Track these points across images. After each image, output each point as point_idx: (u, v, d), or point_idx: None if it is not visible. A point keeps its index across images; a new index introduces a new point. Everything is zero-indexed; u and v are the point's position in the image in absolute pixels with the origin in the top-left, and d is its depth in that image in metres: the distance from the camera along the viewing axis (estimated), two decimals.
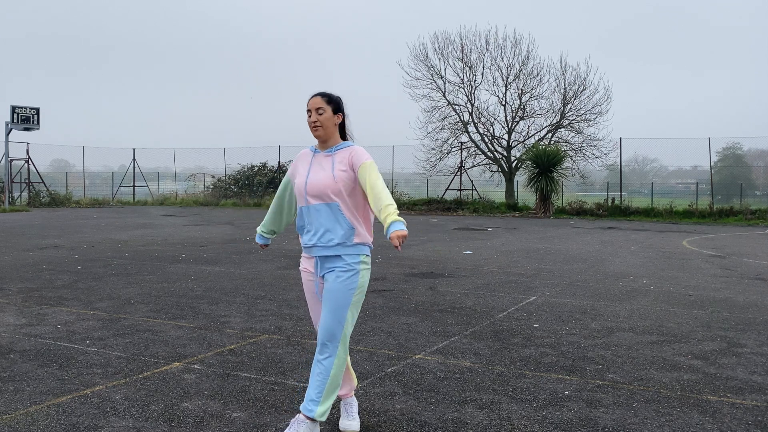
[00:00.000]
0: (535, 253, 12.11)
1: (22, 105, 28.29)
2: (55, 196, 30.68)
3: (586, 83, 30.51)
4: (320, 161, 3.45)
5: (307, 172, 3.45)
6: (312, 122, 3.42)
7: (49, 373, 4.45)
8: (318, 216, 3.38)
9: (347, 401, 3.65)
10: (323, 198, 3.36)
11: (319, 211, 3.38)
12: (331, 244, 3.36)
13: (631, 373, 4.63)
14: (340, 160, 3.40)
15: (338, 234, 3.35)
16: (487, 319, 6.32)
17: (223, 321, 6.11)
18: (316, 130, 3.43)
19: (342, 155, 3.42)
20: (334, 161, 3.41)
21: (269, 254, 11.42)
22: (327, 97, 3.45)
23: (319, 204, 3.38)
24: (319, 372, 3.32)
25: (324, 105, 3.41)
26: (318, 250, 3.39)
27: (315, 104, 3.41)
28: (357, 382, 3.86)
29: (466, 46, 31.63)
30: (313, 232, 3.41)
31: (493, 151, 32.03)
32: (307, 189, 3.40)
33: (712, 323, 6.27)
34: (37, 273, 8.99)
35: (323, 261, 3.40)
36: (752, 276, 9.52)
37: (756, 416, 3.81)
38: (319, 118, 3.40)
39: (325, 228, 3.37)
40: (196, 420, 3.64)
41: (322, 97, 3.44)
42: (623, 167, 28.76)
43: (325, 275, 3.39)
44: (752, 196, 35.54)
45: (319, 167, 3.43)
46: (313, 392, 3.32)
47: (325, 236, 3.37)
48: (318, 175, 3.40)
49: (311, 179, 3.41)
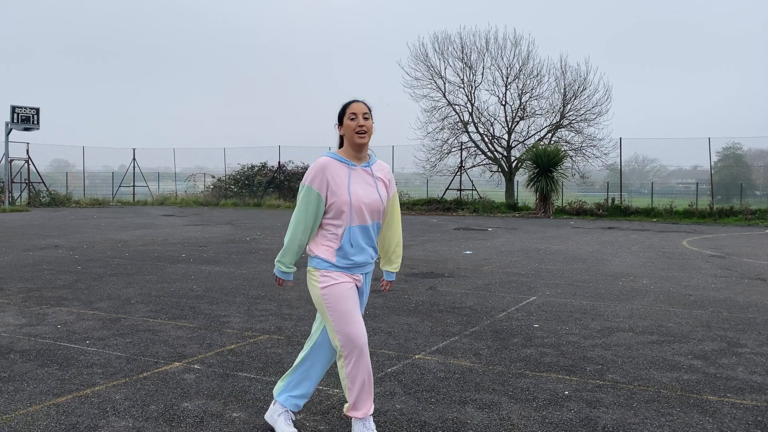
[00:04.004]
0: (535, 253, 12.12)
1: (22, 105, 28.28)
2: (55, 196, 30.66)
3: (586, 83, 30.53)
4: (362, 176, 3.38)
5: (348, 188, 3.31)
6: (359, 127, 3.30)
7: (49, 373, 4.45)
8: (365, 234, 3.37)
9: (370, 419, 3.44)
10: (374, 217, 3.39)
11: (368, 229, 3.38)
12: (373, 259, 3.45)
13: (631, 373, 4.63)
14: (380, 178, 3.43)
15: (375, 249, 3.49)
16: (487, 319, 6.32)
17: (223, 321, 6.11)
18: (361, 137, 3.31)
19: (379, 173, 3.44)
20: (375, 179, 3.41)
21: (269, 254, 11.42)
22: (368, 106, 3.39)
23: (374, 223, 3.40)
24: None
25: (369, 112, 3.36)
26: (369, 267, 3.46)
27: (363, 109, 3.33)
28: None
29: (466, 46, 31.66)
30: (360, 249, 3.37)
31: (493, 151, 32.04)
32: (365, 208, 3.32)
33: (712, 323, 6.27)
34: (37, 273, 8.99)
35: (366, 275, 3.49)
36: (752, 276, 9.52)
37: (756, 416, 3.81)
38: (365, 123, 3.32)
39: (370, 245, 3.41)
40: (196, 420, 3.64)
41: (366, 104, 3.38)
42: (623, 167, 28.77)
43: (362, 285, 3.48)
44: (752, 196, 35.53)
45: (365, 184, 3.37)
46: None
47: (371, 252, 3.43)
48: (369, 193, 3.35)
49: (363, 197, 3.32)
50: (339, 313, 3.28)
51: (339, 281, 3.31)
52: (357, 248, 3.34)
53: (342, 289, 3.30)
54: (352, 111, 3.32)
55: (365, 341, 3.31)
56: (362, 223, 3.33)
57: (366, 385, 3.32)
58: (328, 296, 3.30)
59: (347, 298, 3.30)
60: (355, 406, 3.34)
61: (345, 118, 3.34)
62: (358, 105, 3.34)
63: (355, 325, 3.27)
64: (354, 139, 3.31)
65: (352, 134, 3.31)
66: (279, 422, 3.50)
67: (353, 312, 3.29)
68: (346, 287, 3.31)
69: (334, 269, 3.32)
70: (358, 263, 3.35)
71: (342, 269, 3.33)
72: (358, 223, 3.32)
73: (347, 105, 3.37)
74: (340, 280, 3.31)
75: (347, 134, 3.34)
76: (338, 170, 3.32)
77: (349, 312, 3.28)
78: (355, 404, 3.34)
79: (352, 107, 3.33)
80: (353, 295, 3.33)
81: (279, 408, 3.54)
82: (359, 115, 3.31)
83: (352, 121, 3.31)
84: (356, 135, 3.30)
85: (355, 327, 3.27)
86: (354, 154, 3.37)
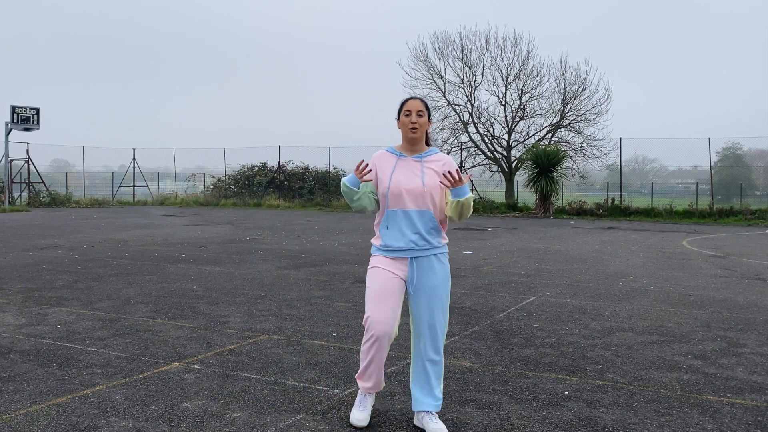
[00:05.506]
0: (535, 253, 12.12)
1: (22, 105, 28.27)
2: (55, 196, 30.64)
3: (585, 83, 30.52)
4: (409, 165, 3.60)
5: (390, 175, 3.58)
6: (412, 123, 3.57)
7: (49, 373, 4.45)
8: (407, 219, 3.56)
9: (372, 396, 3.73)
10: (418, 204, 3.54)
11: (409, 215, 3.55)
12: (424, 245, 3.58)
13: (631, 373, 4.63)
14: (432, 168, 3.59)
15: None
16: (487, 319, 6.32)
17: (223, 321, 6.11)
18: (414, 132, 3.58)
19: (432, 164, 3.61)
20: (423, 167, 3.59)
21: (269, 254, 11.43)
22: (425, 103, 3.65)
23: (419, 210, 3.55)
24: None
25: (424, 109, 3.61)
26: (413, 253, 3.58)
27: (417, 107, 3.59)
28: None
29: (466, 46, 31.64)
30: (397, 234, 3.57)
31: (493, 151, 32.04)
32: (406, 193, 3.54)
33: (712, 323, 6.27)
34: (37, 273, 8.99)
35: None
36: (752, 276, 9.52)
37: (756, 416, 3.81)
38: (419, 120, 3.58)
39: (414, 231, 3.56)
40: (196, 420, 3.64)
41: (422, 102, 3.63)
42: (623, 167, 28.76)
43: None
44: (752, 196, 35.52)
45: (410, 172, 3.58)
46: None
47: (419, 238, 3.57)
48: (411, 180, 3.55)
49: (404, 183, 3.54)
50: (369, 293, 3.57)
51: (378, 266, 3.60)
52: (394, 232, 3.56)
53: (378, 273, 3.58)
54: (408, 108, 3.60)
55: (385, 330, 3.49)
56: (401, 208, 3.55)
57: (373, 368, 3.58)
58: (368, 277, 3.64)
59: (380, 284, 3.54)
60: (360, 376, 3.66)
61: (401, 114, 3.62)
62: (413, 102, 3.62)
63: (378, 311, 3.50)
64: (407, 134, 3.61)
65: (406, 129, 3.61)
66: (426, 423, 3.57)
67: (381, 298, 3.51)
68: (383, 273, 3.56)
69: (378, 253, 3.64)
70: (393, 248, 3.56)
71: (384, 252, 3.61)
72: (396, 208, 3.56)
73: (404, 102, 3.65)
74: (379, 265, 3.60)
75: (402, 129, 3.64)
76: (386, 160, 3.64)
77: (377, 296, 3.52)
78: (360, 375, 3.66)
79: (408, 104, 3.62)
80: (389, 282, 3.54)
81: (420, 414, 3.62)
82: (413, 112, 3.58)
83: (407, 117, 3.59)
84: (409, 130, 3.59)
85: (377, 312, 3.50)
86: (407, 146, 3.66)
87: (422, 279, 3.57)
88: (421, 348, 3.59)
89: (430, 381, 3.58)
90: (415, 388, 3.62)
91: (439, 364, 3.61)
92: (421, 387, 3.60)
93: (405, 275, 3.58)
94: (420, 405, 3.58)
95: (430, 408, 3.56)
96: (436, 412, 3.58)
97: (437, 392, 3.60)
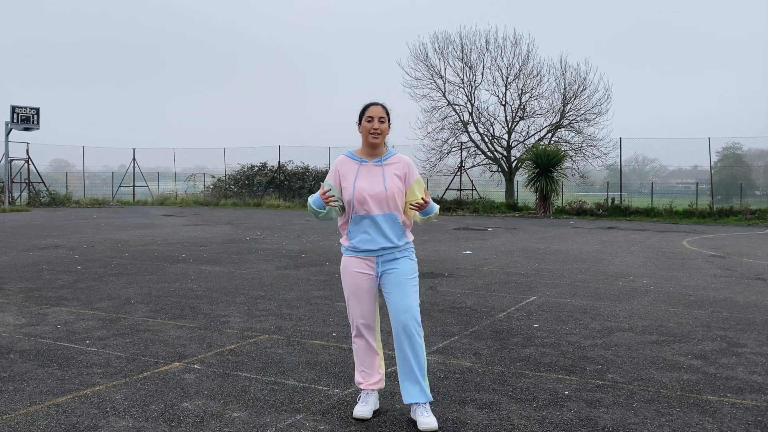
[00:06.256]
0: (535, 253, 12.12)
1: (22, 105, 28.26)
2: (55, 196, 30.64)
3: (585, 83, 30.51)
4: (371, 171, 3.65)
5: (354, 182, 3.62)
6: (374, 129, 3.62)
7: (49, 373, 4.45)
8: (373, 223, 3.64)
9: (375, 393, 3.79)
10: (383, 208, 3.62)
11: (374, 219, 3.63)
12: (389, 245, 3.66)
13: (631, 373, 4.63)
14: (394, 171, 3.66)
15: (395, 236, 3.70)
16: (487, 319, 6.32)
17: (223, 321, 6.11)
18: (375, 138, 3.64)
19: (392, 167, 3.67)
20: (384, 171, 3.65)
21: (269, 254, 11.43)
22: (386, 109, 3.69)
23: (384, 214, 3.63)
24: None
25: (385, 115, 3.68)
26: (381, 252, 3.67)
27: (379, 113, 3.64)
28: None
29: (466, 46, 31.63)
30: (365, 238, 3.65)
31: (493, 151, 32.02)
32: (370, 199, 3.60)
33: (712, 323, 6.27)
34: (37, 273, 8.99)
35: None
36: (752, 276, 9.52)
37: (756, 416, 3.81)
38: (380, 126, 3.64)
39: (381, 234, 3.64)
40: (196, 420, 3.64)
41: (383, 107, 3.69)
42: (623, 167, 28.76)
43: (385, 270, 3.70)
44: (752, 196, 35.53)
45: (372, 177, 3.63)
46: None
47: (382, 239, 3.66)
48: (373, 186, 3.61)
49: (368, 189, 3.61)
50: (346, 293, 3.75)
51: (348, 267, 3.72)
52: (361, 235, 3.65)
53: (349, 274, 3.70)
54: (369, 114, 3.64)
55: (364, 323, 3.69)
56: (367, 213, 3.63)
57: (367, 364, 3.73)
58: (342, 278, 3.77)
59: (353, 283, 3.69)
60: (357, 375, 3.79)
61: (363, 120, 3.66)
62: (375, 108, 3.66)
63: (356, 307, 3.70)
64: (368, 139, 3.66)
65: (366, 135, 3.65)
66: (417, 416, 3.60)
67: (356, 296, 3.69)
68: (354, 273, 3.69)
69: (348, 253, 3.75)
70: (360, 249, 3.66)
71: (353, 252, 3.71)
72: (362, 213, 3.64)
73: (366, 107, 3.68)
74: (349, 266, 3.71)
75: (363, 134, 3.68)
76: (349, 166, 3.69)
77: (353, 294, 3.71)
78: (356, 374, 3.79)
79: (370, 110, 3.66)
80: (361, 281, 3.68)
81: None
82: (375, 118, 3.63)
83: (368, 123, 3.64)
84: (370, 136, 3.64)
85: (355, 308, 3.71)
86: (368, 151, 3.70)
87: (388, 268, 3.68)
88: (401, 334, 3.61)
89: (413, 371, 3.61)
90: (403, 380, 3.66)
91: (420, 348, 3.62)
92: (407, 379, 3.63)
93: (374, 272, 3.69)
94: (409, 397, 3.62)
95: (418, 399, 3.59)
96: (427, 403, 3.60)
97: (423, 382, 3.62)
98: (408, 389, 3.63)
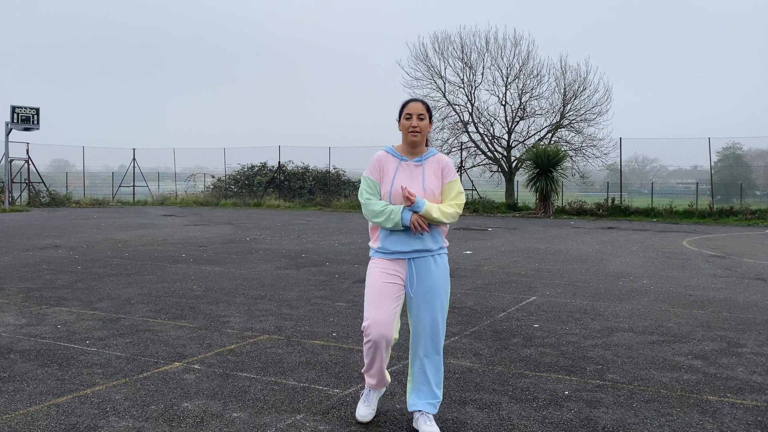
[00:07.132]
0: (535, 253, 12.11)
1: (22, 105, 28.27)
2: (55, 196, 30.63)
3: (586, 83, 30.51)
4: (410, 170, 3.56)
5: (392, 180, 3.52)
6: (413, 127, 3.51)
7: (49, 373, 4.45)
8: None
9: (379, 392, 3.75)
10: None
11: None
12: (422, 248, 3.53)
13: (631, 373, 4.63)
14: (432, 171, 3.56)
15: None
16: (487, 319, 6.32)
17: (223, 321, 6.11)
18: (414, 136, 3.52)
19: (431, 167, 3.57)
20: (424, 170, 3.55)
21: (269, 254, 11.43)
22: (426, 105, 3.58)
23: None
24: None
25: (425, 112, 3.54)
26: (414, 255, 3.53)
27: (418, 110, 3.52)
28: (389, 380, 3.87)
29: (466, 46, 31.63)
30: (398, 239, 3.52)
31: (493, 151, 32.02)
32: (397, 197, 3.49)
33: (712, 323, 6.27)
34: (37, 273, 8.99)
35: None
36: (752, 276, 9.52)
37: (756, 416, 3.81)
38: (419, 123, 3.52)
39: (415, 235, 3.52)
40: (196, 420, 3.64)
41: (423, 104, 3.56)
42: (623, 167, 28.76)
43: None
44: (752, 196, 35.54)
45: (410, 177, 3.54)
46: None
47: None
48: (410, 186, 3.50)
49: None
50: (368, 295, 3.54)
51: (376, 269, 3.56)
52: (394, 236, 3.51)
53: (375, 276, 3.54)
54: (408, 111, 3.53)
55: (382, 333, 3.45)
56: None
57: (375, 369, 3.57)
58: (367, 279, 3.60)
59: (378, 287, 3.51)
60: (366, 372, 3.66)
61: (402, 117, 3.56)
62: (414, 105, 3.55)
63: (375, 313, 3.46)
64: (407, 137, 3.55)
65: (406, 133, 3.54)
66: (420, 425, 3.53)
67: (379, 300, 3.48)
68: (380, 275, 3.52)
69: (377, 255, 3.60)
70: (391, 250, 3.53)
71: (382, 254, 3.57)
72: None
73: (405, 104, 3.58)
74: (377, 268, 3.56)
75: (403, 132, 3.57)
76: (389, 163, 3.58)
77: (375, 298, 3.49)
78: (365, 370, 3.65)
79: (408, 107, 3.55)
80: (386, 285, 3.50)
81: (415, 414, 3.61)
82: (414, 115, 3.51)
83: (407, 120, 3.52)
84: (410, 134, 3.53)
85: (374, 314, 3.47)
86: (408, 149, 3.59)
87: (421, 280, 3.53)
88: (420, 350, 3.55)
89: (429, 382, 3.55)
90: (412, 389, 3.60)
91: (439, 364, 3.58)
92: (418, 388, 3.57)
93: (404, 278, 3.55)
94: (414, 405, 3.56)
95: (423, 408, 3.53)
96: (432, 414, 3.55)
97: (438, 392, 3.58)
98: (414, 399, 3.57)
